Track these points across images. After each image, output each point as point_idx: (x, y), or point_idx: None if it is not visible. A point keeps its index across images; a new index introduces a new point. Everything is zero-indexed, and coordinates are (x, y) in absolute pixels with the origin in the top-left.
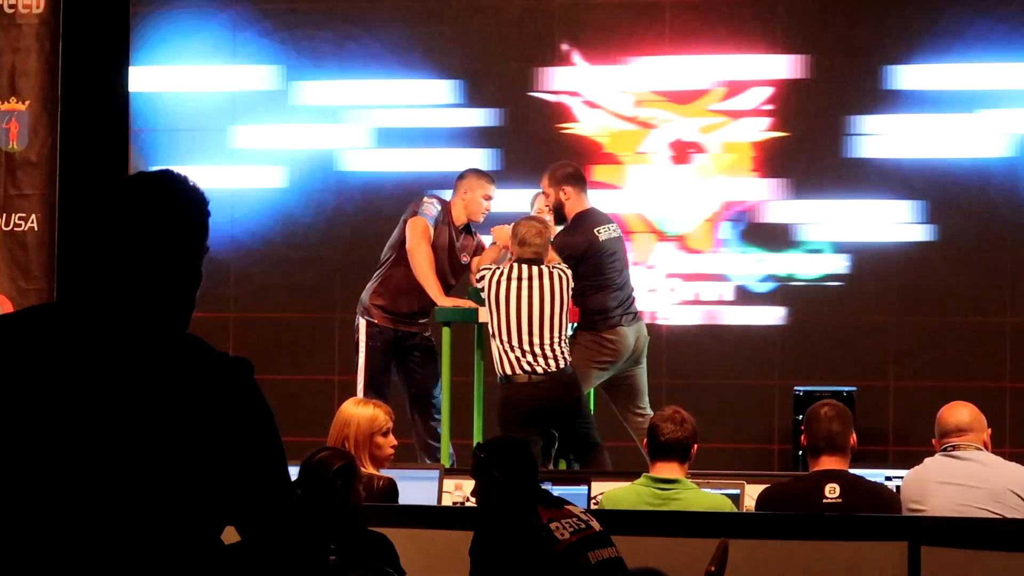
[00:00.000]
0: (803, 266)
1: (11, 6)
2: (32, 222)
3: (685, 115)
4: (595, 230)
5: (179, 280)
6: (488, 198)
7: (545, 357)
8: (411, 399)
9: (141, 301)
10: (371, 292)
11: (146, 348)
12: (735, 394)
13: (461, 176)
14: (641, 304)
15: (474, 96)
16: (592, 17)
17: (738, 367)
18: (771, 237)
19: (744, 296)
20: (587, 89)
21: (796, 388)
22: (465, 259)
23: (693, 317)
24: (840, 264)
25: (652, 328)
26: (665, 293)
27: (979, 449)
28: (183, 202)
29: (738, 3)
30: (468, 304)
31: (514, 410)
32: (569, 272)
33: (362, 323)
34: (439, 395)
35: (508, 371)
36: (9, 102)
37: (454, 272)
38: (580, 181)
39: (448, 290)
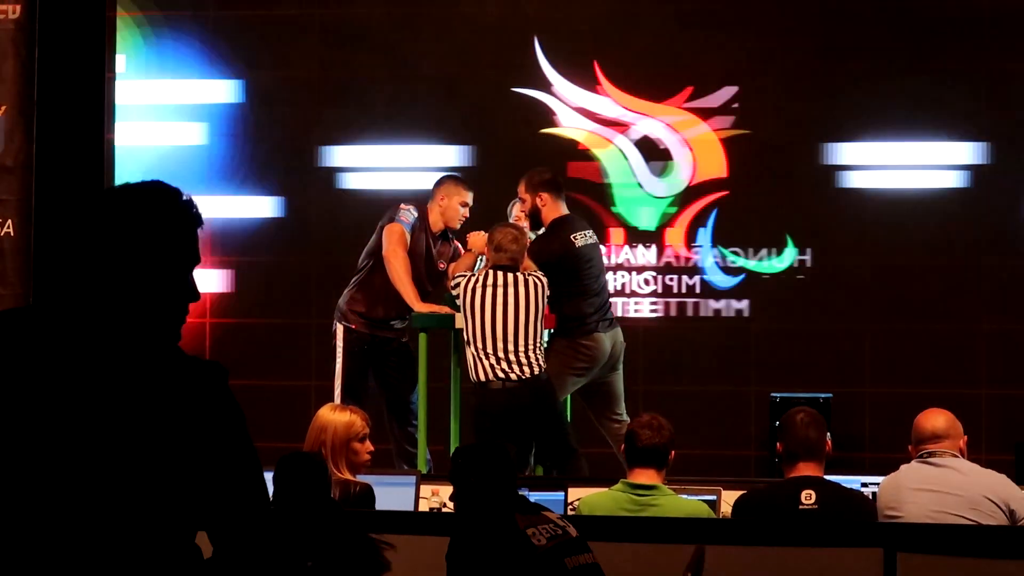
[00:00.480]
0: (776, 269)
1: None
2: (8, 227)
3: (657, 113)
4: (571, 236)
5: (165, 291)
6: (465, 204)
7: (520, 364)
8: (388, 404)
9: (122, 310)
10: (348, 298)
11: (122, 355)
12: (712, 400)
13: (438, 183)
14: (616, 307)
15: (451, 100)
16: (567, 19)
17: (715, 373)
18: (744, 238)
19: (718, 300)
20: (562, 90)
21: (773, 394)
22: (442, 266)
23: (667, 322)
24: (815, 269)
25: (628, 334)
26: (638, 294)
27: (955, 456)
28: (173, 214)
29: (714, 8)
30: (444, 310)
31: (488, 417)
32: (545, 279)
33: (340, 328)
34: (416, 401)
35: (482, 377)
36: None
37: (431, 278)
38: (556, 187)
39: (425, 296)
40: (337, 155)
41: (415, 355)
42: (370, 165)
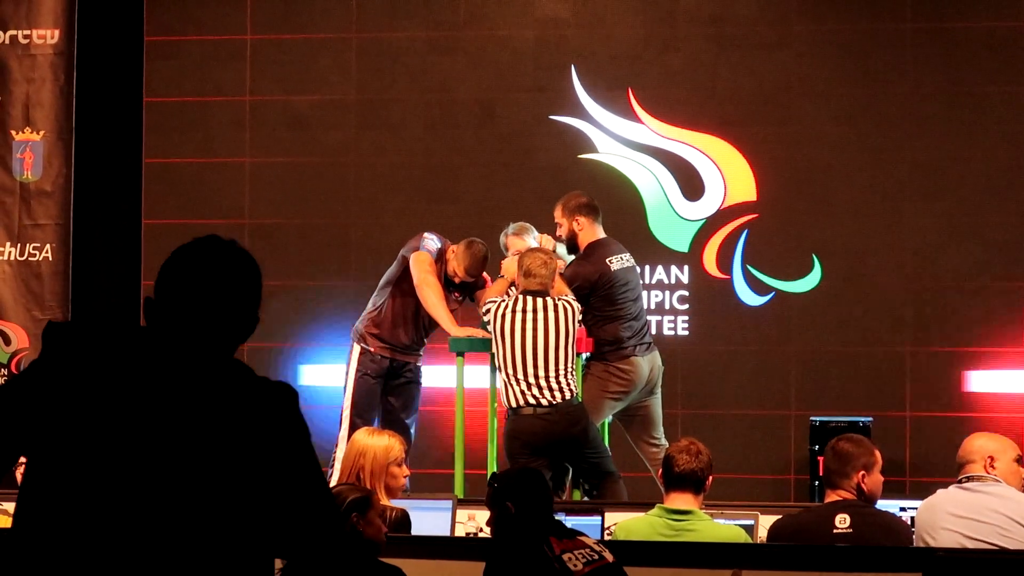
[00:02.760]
0: (815, 292)
1: (26, 37)
2: (47, 252)
3: (693, 141)
4: (607, 260)
5: (239, 325)
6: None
7: (551, 389)
8: (385, 423)
9: (206, 339)
10: (367, 321)
11: (200, 374)
12: (751, 424)
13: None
14: (653, 330)
15: (489, 124)
16: (604, 45)
17: (754, 397)
18: (775, 259)
19: (756, 322)
20: (597, 115)
21: (812, 418)
22: (456, 295)
23: (706, 345)
24: (853, 291)
25: (667, 358)
26: (676, 317)
27: (996, 481)
28: (247, 267)
29: (751, 30)
30: (481, 333)
31: (520, 442)
32: (576, 304)
33: (356, 349)
34: (413, 423)
35: (514, 403)
36: (24, 132)
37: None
38: (593, 211)
39: (432, 327)
40: (374, 178)
41: (419, 383)
42: (406, 188)
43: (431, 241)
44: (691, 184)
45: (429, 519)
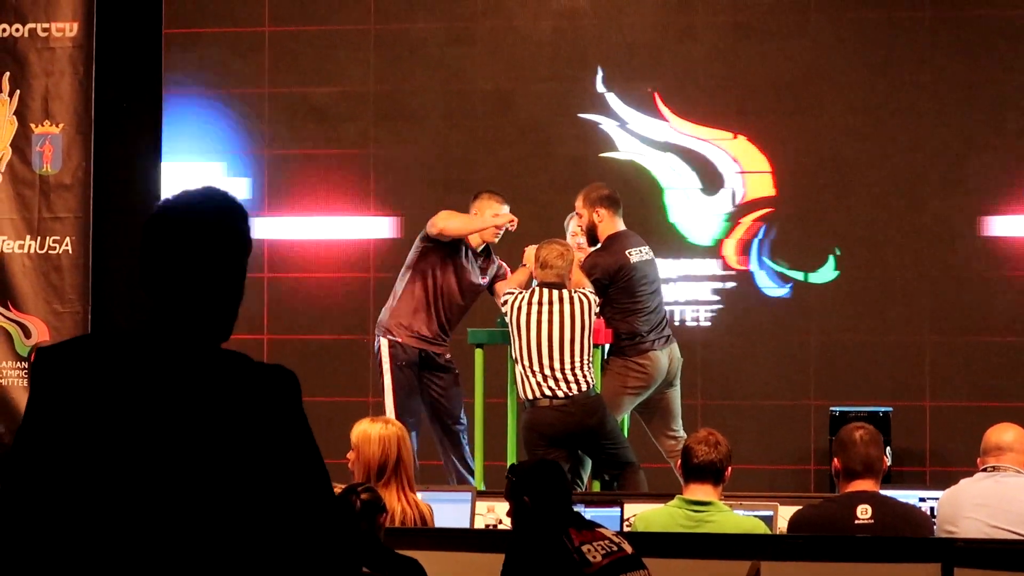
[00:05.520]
0: (834, 282)
1: (44, 30)
2: (66, 245)
3: (711, 137)
4: (627, 251)
5: (227, 293)
6: (496, 216)
7: (567, 381)
8: (441, 426)
9: (191, 317)
10: (391, 312)
11: (195, 364)
12: (770, 415)
13: (475, 196)
14: (676, 320)
15: (507, 115)
16: (624, 37)
17: (773, 387)
18: (796, 250)
19: (775, 313)
20: (621, 110)
21: (832, 408)
22: (484, 280)
23: (725, 336)
24: (873, 281)
25: (686, 349)
26: (698, 308)
27: (1019, 472)
28: (224, 218)
29: (769, 19)
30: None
31: (537, 434)
32: (593, 296)
33: (384, 343)
34: (464, 419)
35: (530, 395)
36: (43, 125)
37: (469, 294)
38: (614, 203)
39: (461, 311)
40: (392, 171)
41: (458, 374)
42: (426, 180)
43: None
44: (710, 177)
45: (449, 511)
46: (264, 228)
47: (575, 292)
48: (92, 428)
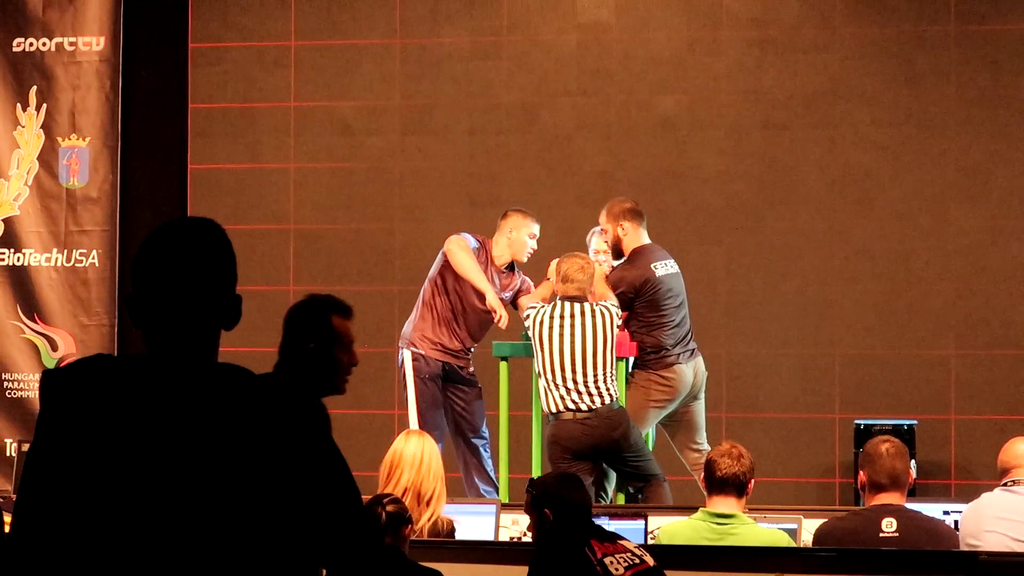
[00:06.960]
0: (860, 295)
1: (71, 44)
2: (93, 258)
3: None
4: (652, 265)
5: (209, 311)
6: (533, 236)
7: (590, 394)
8: (463, 440)
9: (184, 338)
10: (415, 325)
11: (201, 379)
12: (795, 428)
13: (504, 215)
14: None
15: (532, 129)
16: (647, 50)
17: (798, 400)
18: (828, 265)
19: (801, 328)
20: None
21: (857, 421)
22: (507, 294)
23: (749, 348)
24: (897, 294)
25: (710, 362)
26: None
27: None
28: (212, 248)
29: (794, 33)
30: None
31: (561, 447)
32: (615, 309)
33: (408, 355)
34: (486, 432)
35: (554, 408)
36: (70, 139)
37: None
38: (638, 216)
39: (485, 327)
40: (417, 184)
41: (481, 388)
42: (450, 193)
43: (468, 235)
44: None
45: (473, 523)
46: (290, 241)
47: (597, 305)
48: (100, 446)
